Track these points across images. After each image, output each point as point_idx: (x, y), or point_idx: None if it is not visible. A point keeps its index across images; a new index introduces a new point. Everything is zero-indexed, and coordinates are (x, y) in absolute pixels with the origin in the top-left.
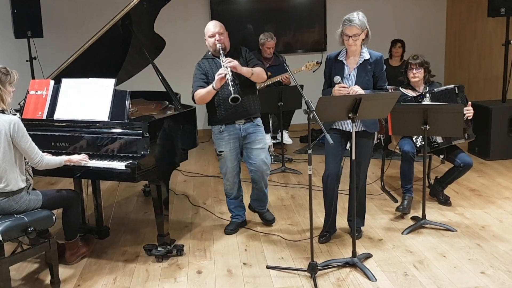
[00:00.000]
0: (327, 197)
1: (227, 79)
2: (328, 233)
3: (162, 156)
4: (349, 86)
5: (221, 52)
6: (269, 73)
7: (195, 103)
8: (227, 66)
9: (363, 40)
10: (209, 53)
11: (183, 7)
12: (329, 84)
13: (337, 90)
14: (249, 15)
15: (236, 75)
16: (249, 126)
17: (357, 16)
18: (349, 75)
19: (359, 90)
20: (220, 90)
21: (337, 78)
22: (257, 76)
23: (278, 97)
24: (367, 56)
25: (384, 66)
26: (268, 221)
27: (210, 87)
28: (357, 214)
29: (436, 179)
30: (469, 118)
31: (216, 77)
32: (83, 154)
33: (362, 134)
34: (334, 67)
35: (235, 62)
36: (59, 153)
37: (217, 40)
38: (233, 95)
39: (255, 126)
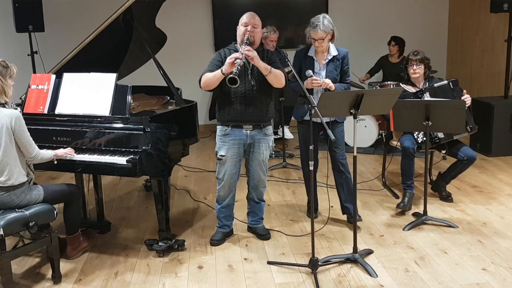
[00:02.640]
0: (309, 185)
1: (237, 63)
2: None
3: (163, 151)
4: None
5: (245, 42)
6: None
7: (200, 87)
8: (243, 52)
9: (330, 40)
10: (235, 44)
11: (185, 1)
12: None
13: (310, 83)
14: (251, 9)
15: (255, 74)
16: (256, 133)
17: (322, 21)
18: (319, 70)
19: (330, 83)
20: (236, 87)
21: (308, 72)
22: (274, 77)
23: (280, 92)
24: (335, 53)
25: (349, 61)
26: (260, 235)
27: (218, 71)
28: (349, 201)
29: (440, 174)
30: (468, 105)
31: (228, 60)
32: (69, 148)
33: (334, 122)
34: (304, 62)
35: (253, 52)
36: (59, 148)
37: (248, 31)
38: (231, 75)
39: (263, 134)
